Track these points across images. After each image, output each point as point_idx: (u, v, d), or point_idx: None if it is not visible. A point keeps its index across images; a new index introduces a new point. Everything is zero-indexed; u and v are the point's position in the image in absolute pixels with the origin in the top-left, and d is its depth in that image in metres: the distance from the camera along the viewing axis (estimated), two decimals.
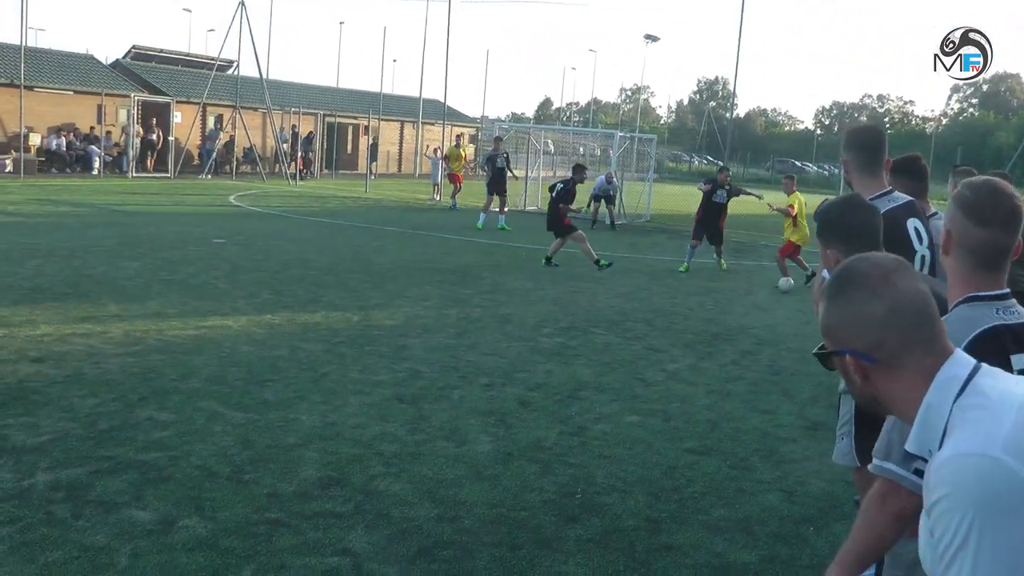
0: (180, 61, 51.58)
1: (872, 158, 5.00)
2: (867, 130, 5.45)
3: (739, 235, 23.25)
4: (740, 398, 9.24)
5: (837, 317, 2.23)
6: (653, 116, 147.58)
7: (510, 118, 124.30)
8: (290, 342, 10.44)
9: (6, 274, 13.62)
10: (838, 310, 2.23)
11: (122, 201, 27.42)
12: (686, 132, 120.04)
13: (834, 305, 2.24)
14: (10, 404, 7.75)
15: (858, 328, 2.17)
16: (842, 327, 2.22)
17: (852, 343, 2.19)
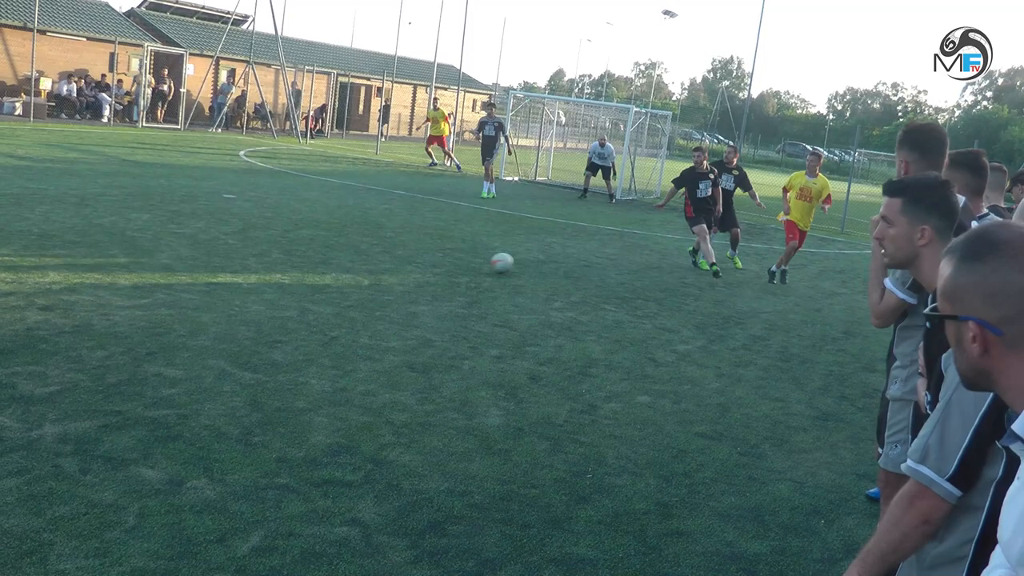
0: (195, 13, 51.35)
1: (935, 161, 4.92)
2: (931, 131, 5.26)
3: (750, 217, 23.12)
4: (750, 384, 9.20)
5: (970, 282, 2.06)
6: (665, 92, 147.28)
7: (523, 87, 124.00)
8: (300, 303, 10.38)
9: (15, 218, 13.56)
10: (973, 275, 2.06)
11: (132, 151, 27.31)
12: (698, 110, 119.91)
13: (968, 269, 2.07)
14: (18, 352, 7.71)
15: (993, 297, 2.02)
16: (974, 293, 2.05)
17: (981, 312, 2.03)
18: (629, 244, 18.51)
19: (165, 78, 42.30)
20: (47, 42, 38.33)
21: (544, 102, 39.54)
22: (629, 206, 27.79)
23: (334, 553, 4.94)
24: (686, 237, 20.12)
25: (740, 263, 17.31)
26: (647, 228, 22.04)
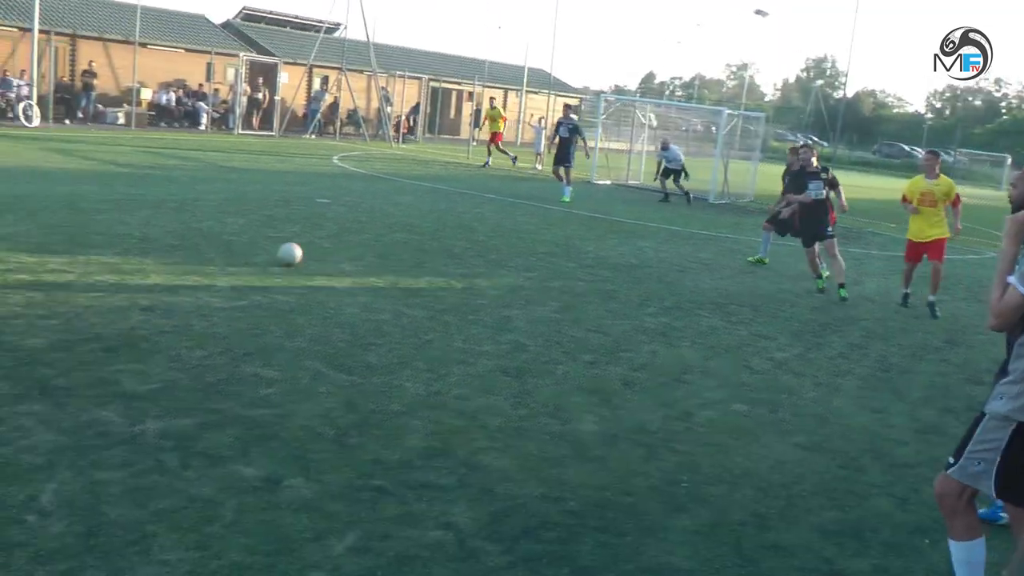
0: (289, 23, 52.09)
1: None
2: None
3: (846, 221, 22.78)
4: (849, 394, 9.01)
5: None
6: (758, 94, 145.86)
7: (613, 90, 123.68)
8: (394, 306, 10.45)
9: (117, 223, 13.85)
10: None
11: (228, 158, 27.73)
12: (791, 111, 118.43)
13: None
14: (121, 350, 7.91)
15: None
16: None
17: None
18: (723, 248, 18.36)
19: (260, 86, 42.98)
20: (148, 54, 39.21)
21: (635, 105, 39.37)
22: (722, 210, 27.56)
23: (428, 556, 4.96)
24: (783, 241, 19.89)
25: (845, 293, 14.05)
26: (741, 232, 21.83)
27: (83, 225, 13.45)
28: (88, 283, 10.11)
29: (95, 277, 10.40)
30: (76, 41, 38.72)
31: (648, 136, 36.61)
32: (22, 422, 6.14)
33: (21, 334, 8.06)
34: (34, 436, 5.94)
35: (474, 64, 58.23)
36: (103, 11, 41.72)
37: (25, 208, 14.44)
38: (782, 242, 18.59)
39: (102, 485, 5.35)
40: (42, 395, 6.68)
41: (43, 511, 5.00)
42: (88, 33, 39.14)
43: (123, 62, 38.77)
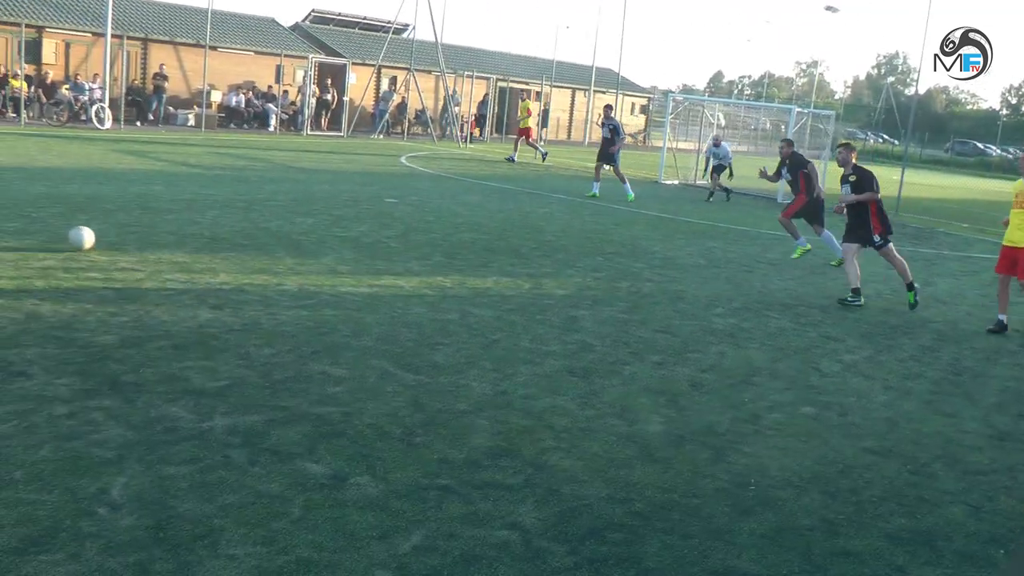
0: (357, 24, 52.49)
1: None
2: None
3: (917, 220, 22.53)
4: (920, 398, 8.84)
5: None
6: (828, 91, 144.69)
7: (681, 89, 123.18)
8: (461, 306, 10.48)
9: (188, 223, 14.02)
10: None
11: (296, 158, 27.95)
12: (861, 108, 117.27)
13: None
14: (191, 348, 8.00)
15: None
16: None
17: None
18: (791, 248, 18.14)
19: (329, 87, 43.41)
20: (218, 57, 39.72)
21: (703, 105, 39.17)
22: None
23: (494, 556, 4.95)
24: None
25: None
26: (809, 233, 21.57)
27: (154, 225, 13.63)
28: (158, 281, 10.24)
29: (165, 276, 10.53)
30: (148, 45, 39.34)
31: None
32: (93, 416, 6.24)
33: (93, 331, 8.18)
34: (105, 431, 6.03)
35: (542, 64, 58.33)
36: (174, 15, 42.36)
37: (98, 208, 14.65)
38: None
39: (171, 480, 5.41)
40: (113, 391, 6.77)
41: (113, 504, 5.06)
42: (160, 37, 39.75)
43: (194, 65, 39.31)
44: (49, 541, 4.64)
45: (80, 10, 38.55)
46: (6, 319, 8.31)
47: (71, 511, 4.94)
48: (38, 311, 8.65)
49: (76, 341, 7.86)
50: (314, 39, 47.63)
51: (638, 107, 66.18)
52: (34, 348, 7.58)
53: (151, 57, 39.31)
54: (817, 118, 35.10)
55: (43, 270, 10.24)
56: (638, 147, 61.32)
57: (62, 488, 5.18)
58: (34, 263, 10.54)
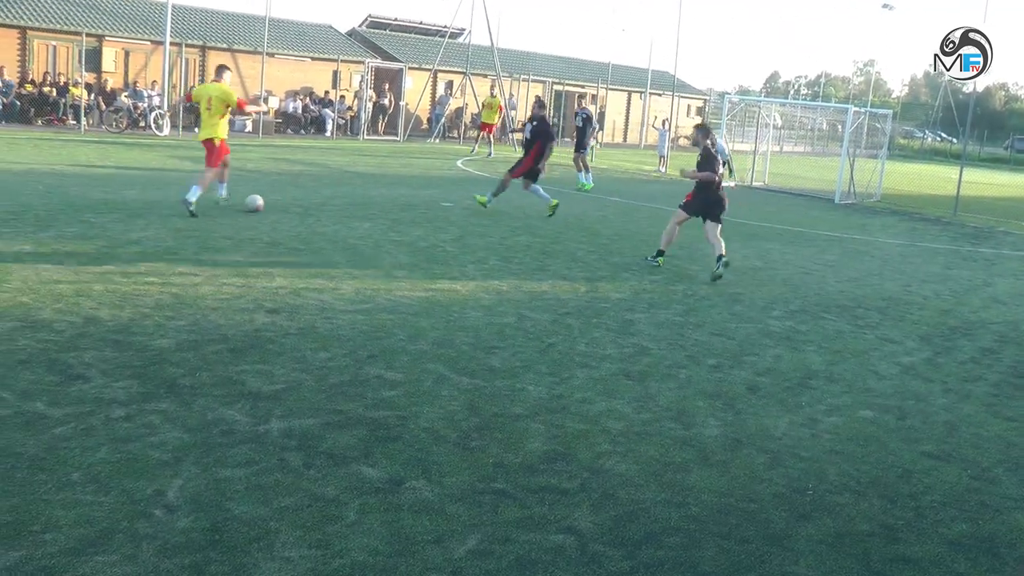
0: (413, 29, 52.78)
1: None
2: None
3: (977, 220, 22.25)
4: (981, 401, 8.71)
5: None
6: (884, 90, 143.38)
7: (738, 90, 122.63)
8: (517, 310, 10.47)
9: (245, 228, 14.12)
10: None
11: (353, 162, 28.11)
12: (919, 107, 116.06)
13: None
14: (247, 351, 8.05)
15: None
16: None
17: None
18: (849, 250, 18.04)
19: (385, 92, 43.66)
20: (275, 64, 40.08)
21: (759, 105, 38.96)
22: (849, 210, 27.11)
23: (549, 560, 4.93)
24: (910, 242, 19.51)
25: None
26: (867, 233, 21.43)
27: (211, 230, 13.75)
28: (215, 286, 10.32)
29: (222, 280, 10.61)
30: (206, 52, 39.71)
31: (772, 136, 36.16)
32: (150, 419, 6.29)
33: (150, 335, 8.26)
34: (161, 433, 6.08)
35: (598, 67, 58.24)
36: (232, 23, 42.78)
37: (156, 213, 14.80)
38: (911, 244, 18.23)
39: (226, 482, 5.45)
40: (170, 394, 6.83)
41: (170, 506, 5.10)
42: (218, 44, 40.12)
43: (251, 71, 39.67)
44: (105, 542, 4.68)
45: (140, 19, 39.03)
46: (65, 323, 8.40)
47: (127, 512, 4.99)
48: (96, 315, 8.74)
49: (133, 345, 7.93)
50: (371, 44, 47.90)
51: (694, 109, 65.90)
52: (92, 352, 7.66)
53: (209, 64, 39.63)
54: (874, 117, 34.80)
55: (101, 275, 10.35)
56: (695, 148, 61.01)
57: (119, 490, 5.23)
58: (93, 268, 10.66)
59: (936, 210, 29.00)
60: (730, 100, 39.29)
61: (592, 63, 61.18)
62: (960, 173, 29.10)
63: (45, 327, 8.23)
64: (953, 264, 17.49)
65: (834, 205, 28.09)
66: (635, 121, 59.66)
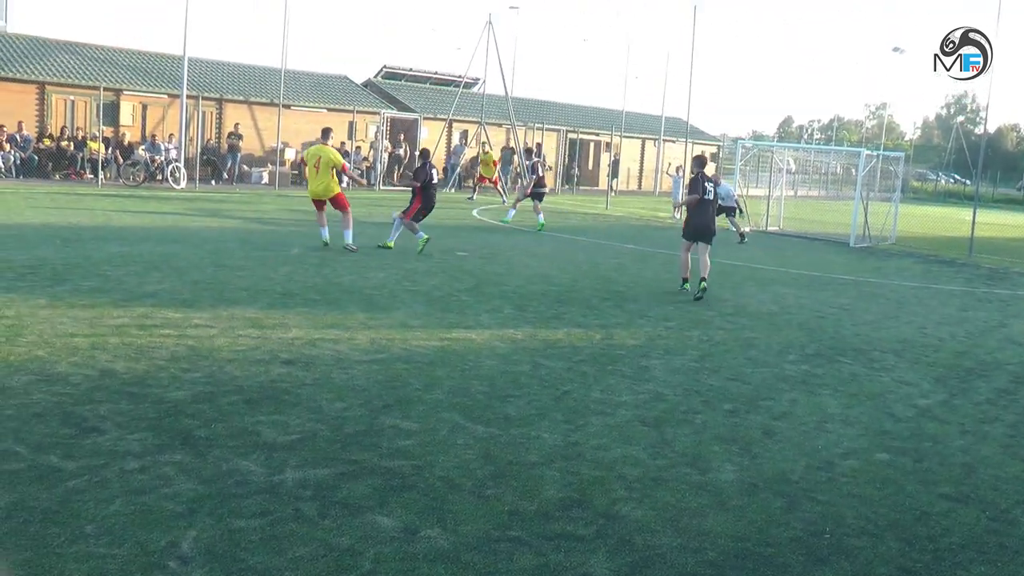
0: (428, 79, 53.11)
1: None
2: None
3: (992, 261, 22.23)
4: (998, 441, 8.67)
5: None
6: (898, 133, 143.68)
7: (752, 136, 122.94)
8: (532, 358, 10.46)
9: (261, 279, 14.18)
10: None
11: (369, 213, 28.18)
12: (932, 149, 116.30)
13: None
14: (262, 402, 8.06)
15: None
16: None
17: None
18: (864, 293, 18.02)
19: (401, 142, 43.85)
20: (291, 115, 40.36)
21: (772, 150, 39.04)
22: (864, 253, 27.10)
23: None
24: (925, 284, 19.48)
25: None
26: (883, 276, 21.40)
27: (227, 281, 13.81)
28: (231, 337, 10.34)
29: (238, 331, 10.64)
30: (223, 105, 40.02)
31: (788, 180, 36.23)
32: (165, 471, 6.30)
33: (165, 387, 8.28)
34: (176, 484, 6.08)
35: (611, 115, 58.47)
36: (249, 75, 43.16)
37: (172, 266, 14.88)
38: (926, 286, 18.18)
39: (241, 533, 5.44)
40: (184, 445, 6.84)
41: (184, 557, 5.10)
42: (234, 97, 40.42)
43: (267, 124, 39.99)
44: None
45: (157, 73, 39.39)
46: (80, 376, 8.43)
47: (141, 564, 4.98)
48: (112, 368, 8.77)
49: (149, 397, 7.95)
50: (386, 95, 48.23)
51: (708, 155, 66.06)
52: (107, 404, 7.69)
53: (226, 117, 39.99)
54: (887, 160, 34.84)
55: (117, 328, 10.39)
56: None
57: (132, 542, 5.23)
58: (109, 321, 10.70)
59: (951, 252, 29.01)
60: (743, 145, 39.39)
61: (606, 111, 61.46)
62: (973, 215, 29.07)
63: (60, 380, 8.25)
64: (968, 306, 17.46)
65: (849, 248, 28.08)
66: (649, 168, 59.83)
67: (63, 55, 37.88)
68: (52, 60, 36.94)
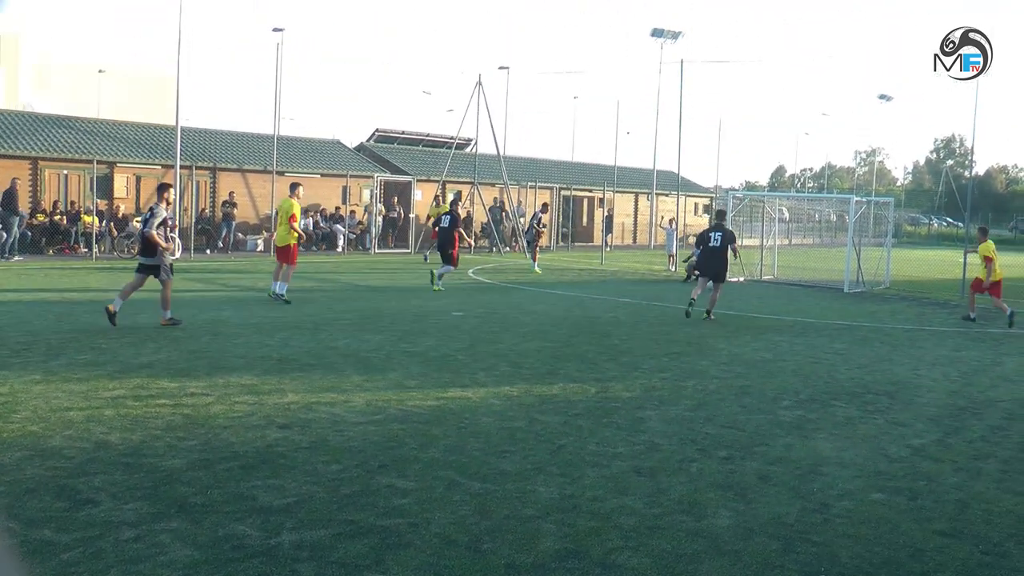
0: (421, 141, 53.47)
1: None
2: None
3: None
4: (991, 477, 8.72)
5: None
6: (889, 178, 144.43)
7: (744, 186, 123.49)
8: (528, 414, 10.50)
9: (257, 345, 14.24)
10: None
11: (364, 277, 28.33)
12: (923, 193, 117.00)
13: None
14: (259, 467, 8.08)
15: None
16: None
17: None
18: (858, 337, 18.07)
19: (395, 205, 44.06)
20: (285, 182, 40.43)
21: (764, 200, 39.25)
22: (858, 298, 27.18)
23: None
24: (916, 326, 19.55)
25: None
26: (876, 320, 21.46)
27: (223, 349, 13.87)
28: (227, 404, 10.39)
29: (234, 398, 10.69)
30: (216, 173, 40.23)
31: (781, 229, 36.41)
32: (160, 539, 6.31)
33: (161, 456, 8.31)
34: (171, 552, 6.09)
35: (603, 170, 58.83)
36: (242, 143, 43.46)
37: (167, 336, 14.94)
38: (919, 328, 18.23)
39: None
40: (180, 512, 6.86)
41: None
42: (228, 165, 40.63)
43: (261, 191, 40.19)
44: None
45: (150, 144, 39.67)
46: (75, 449, 8.45)
47: None
48: (107, 440, 8.79)
49: (144, 467, 7.98)
50: (379, 158, 48.50)
51: (701, 206, 66.38)
52: (102, 476, 7.70)
53: (220, 185, 40.17)
54: (878, 206, 35.05)
55: (112, 400, 10.43)
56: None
57: None
58: (104, 393, 10.74)
59: (944, 294, 29.13)
60: (735, 196, 39.61)
61: (598, 166, 61.89)
62: (964, 256, 29.18)
63: (55, 455, 8.26)
64: (962, 346, 17.51)
65: (843, 294, 28.16)
66: (643, 222, 60.09)
67: (56, 129, 38.14)
68: (45, 136, 37.19)
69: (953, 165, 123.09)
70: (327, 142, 48.62)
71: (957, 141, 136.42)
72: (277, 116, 40.39)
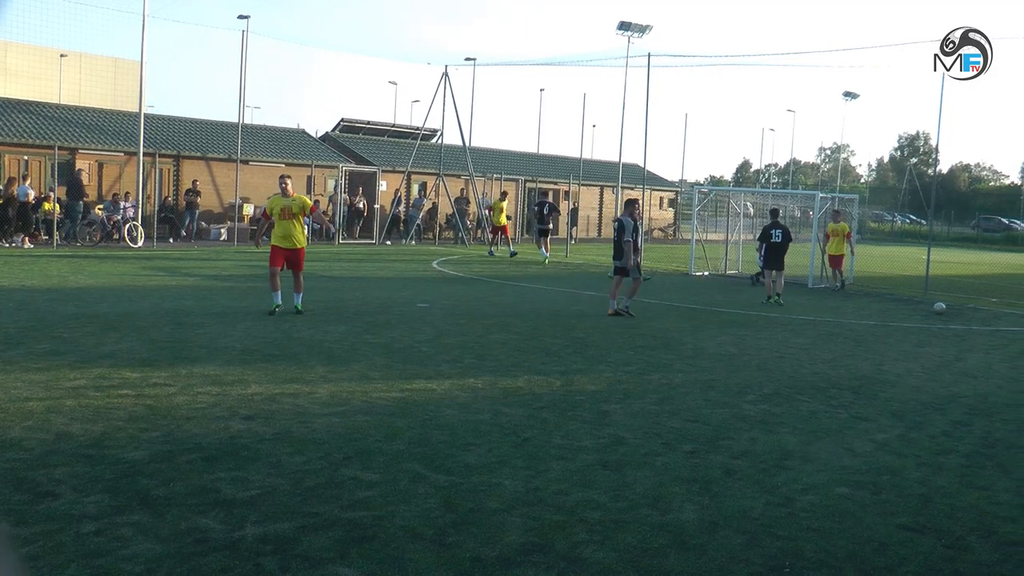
0: (386, 132, 53.30)
1: None
2: None
3: (946, 298, 22.50)
4: (954, 472, 8.77)
5: None
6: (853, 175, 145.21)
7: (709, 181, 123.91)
8: (493, 406, 10.48)
9: (219, 336, 14.15)
10: None
11: (328, 267, 28.21)
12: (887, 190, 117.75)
13: None
14: (222, 459, 8.01)
15: None
16: None
17: None
18: (822, 333, 18.15)
19: (359, 195, 43.84)
20: (249, 171, 40.34)
21: (729, 195, 39.38)
22: (822, 293, 27.33)
23: None
24: (880, 322, 19.67)
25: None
26: (840, 315, 21.56)
27: (186, 339, 13.77)
28: (190, 395, 10.31)
29: (197, 389, 10.60)
30: (180, 161, 40.02)
31: (744, 225, 36.53)
32: (122, 532, 6.23)
33: (123, 447, 8.23)
34: (133, 546, 6.02)
35: (569, 163, 58.84)
36: (206, 131, 43.21)
37: (130, 326, 14.82)
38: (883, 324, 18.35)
39: None
40: (142, 505, 6.79)
41: None
42: (192, 153, 40.40)
43: (225, 179, 40.00)
44: None
45: (113, 131, 39.35)
46: (35, 440, 8.35)
47: None
48: (68, 431, 8.70)
49: (106, 459, 7.89)
50: (344, 148, 48.36)
51: (666, 201, 66.58)
52: (62, 468, 7.61)
53: (183, 173, 39.93)
54: (842, 202, 35.22)
55: (73, 390, 10.33)
56: (668, 240, 61.61)
57: None
58: (64, 383, 10.63)
59: (907, 290, 29.31)
60: (700, 191, 39.72)
61: (563, 159, 61.92)
62: (928, 253, 29.42)
63: (13, 446, 8.16)
64: (925, 342, 17.62)
65: (807, 289, 28.31)
66: (608, 215, 60.15)
67: (16, 114, 37.76)
68: (4, 120, 36.80)
69: (917, 163, 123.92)
70: (292, 131, 48.45)
71: (921, 139, 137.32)
72: (242, 104, 40.45)
